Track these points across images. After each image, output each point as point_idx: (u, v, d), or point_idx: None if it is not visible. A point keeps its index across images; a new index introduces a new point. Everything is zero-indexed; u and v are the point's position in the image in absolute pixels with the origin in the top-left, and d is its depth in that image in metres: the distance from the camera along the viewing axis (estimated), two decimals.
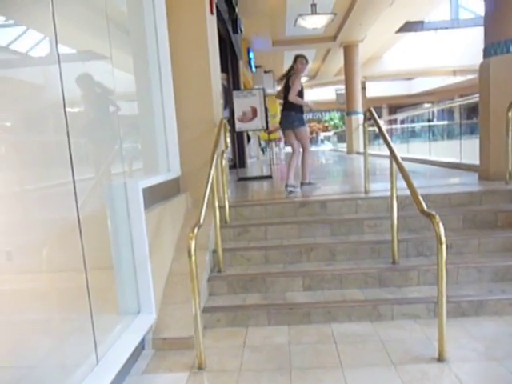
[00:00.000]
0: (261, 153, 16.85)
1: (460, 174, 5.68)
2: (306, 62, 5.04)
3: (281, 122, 5.16)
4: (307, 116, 34.16)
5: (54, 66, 2.14)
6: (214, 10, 4.45)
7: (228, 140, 4.27)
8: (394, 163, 3.32)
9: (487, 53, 4.71)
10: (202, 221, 2.70)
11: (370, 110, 4.20)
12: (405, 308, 3.01)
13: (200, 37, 4.02)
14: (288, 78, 5.01)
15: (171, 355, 2.72)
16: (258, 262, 3.61)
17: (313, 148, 27.25)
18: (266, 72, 16.74)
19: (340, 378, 2.33)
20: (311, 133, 36.38)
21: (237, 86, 9.81)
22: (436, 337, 2.50)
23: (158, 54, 3.64)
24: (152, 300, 2.85)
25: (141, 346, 2.75)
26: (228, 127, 4.33)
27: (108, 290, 2.74)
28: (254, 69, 13.99)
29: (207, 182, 3.11)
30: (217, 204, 3.42)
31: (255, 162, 13.16)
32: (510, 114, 4.31)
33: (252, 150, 15.24)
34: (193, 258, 2.47)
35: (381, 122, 3.89)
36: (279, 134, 10.86)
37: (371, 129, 12.04)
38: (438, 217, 2.43)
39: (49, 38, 2.16)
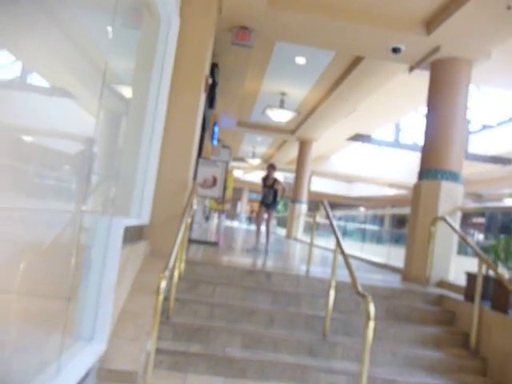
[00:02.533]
0: (203, 220, 17.25)
1: (386, 273, 6.42)
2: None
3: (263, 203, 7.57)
4: (250, 195, 35.50)
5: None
6: (207, 89, 5.11)
7: (195, 201, 4.70)
8: (338, 251, 3.90)
9: (421, 176, 5.69)
10: (171, 264, 3.04)
11: (323, 203, 4.86)
12: (329, 377, 3.41)
13: (192, 110, 4.62)
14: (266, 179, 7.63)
15: None
16: (203, 316, 3.89)
17: (251, 226, 28.03)
18: (224, 147, 17.73)
19: None
20: (251, 212, 37.41)
21: (200, 154, 10.42)
22: None
23: (155, 117, 4.15)
24: (107, 330, 3.04)
25: (86, 374, 2.89)
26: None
27: (63, 316, 2.92)
28: (215, 142, 14.84)
29: (177, 235, 3.47)
30: (183, 257, 3.76)
31: (198, 228, 13.48)
32: (432, 228, 5.17)
33: (197, 216, 15.63)
34: (160, 296, 2.77)
35: (331, 216, 4.52)
36: (227, 206, 11.46)
37: (309, 219, 12.94)
38: (369, 297, 2.96)
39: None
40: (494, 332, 3.86)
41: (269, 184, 7.62)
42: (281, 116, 11.01)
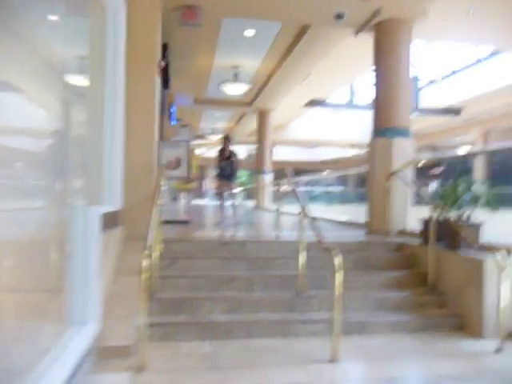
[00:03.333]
0: (171, 201, 17.31)
1: (352, 230, 6.83)
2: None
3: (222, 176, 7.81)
4: (215, 172, 35.57)
5: None
6: (160, 72, 5.19)
7: (162, 183, 4.85)
8: (303, 215, 4.21)
9: (374, 134, 6.03)
10: (150, 243, 3.24)
11: (284, 171, 5.12)
12: (308, 327, 3.76)
13: (149, 95, 4.72)
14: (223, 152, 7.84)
15: (113, 361, 3.09)
16: (186, 289, 4.13)
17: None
18: (183, 126, 17.64)
19: (259, 374, 2.95)
20: (218, 188, 37.49)
21: (161, 137, 10.43)
22: (331, 347, 3.26)
23: (114, 104, 4.22)
24: (98, 313, 3.24)
25: (85, 353, 3.09)
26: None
27: (56, 304, 3.09)
28: (174, 122, 14.76)
29: (152, 217, 3.66)
30: (159, 237, 3.95)
31: (167, 209, 13.57)
32: (387, 183, 5.56)
33: (164, 197, 15.68)
34: (144, 274, 2.98)
35: (293, 183, 4.81)
36: (194, 185, 11.58)
37: (275, 188, 13.26)
38: (335, 250, 3.28)
39: None
40: (448, 268, 4.31)
41: (226, 157, 7.83)
42: (236, 89, 11.13)
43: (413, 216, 5.87)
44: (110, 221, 4.36)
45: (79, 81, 4.19)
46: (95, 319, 3.23)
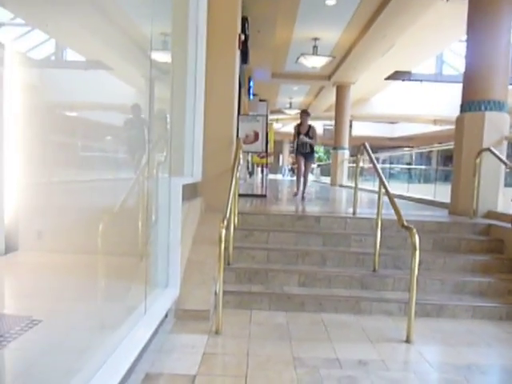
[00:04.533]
0: (247, 176, 17.64)
1: (433, 209, 6.50)
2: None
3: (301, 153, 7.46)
4: (291, 148, 35.45)
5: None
6: (240, 46, 5.23)
7: (241, 157, 4.96)
8: (382, 189, 4.07)
9: (463, 108, 5.61)
10: (228, 215, 3.35)
11: (364, 146, 4.96)
12: (381, 305, 3.70)
13: (229, 69, 4.80)
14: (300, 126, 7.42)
15: (191, 323, 3.31)
16: (260, 260, 4.25)
17: (295, 177, 28.24)
18: (261, 100, 17.71)
19: (330, 348, 2.98)
20: (293, 164, 37.42)
21: (238, 111, 10.59)
22: (405, 327, 3.18)
23: (196, 79, 4.36)
24: (178, 277, 3.46)
25: (166, 314, 3.33)
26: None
27: (142, 267, 3.34)
28: (251, 96, 14.87)
29: (230, 189, 3.77)
30: (236, 210, 4.07)
31: (243, 184, 13.88)
32: (477, 160, 5.17)
33: (241, 172, 16.03)
34: (222, 243, 3.10)
35: (374, 159, 4.64)
36: (270, 159, 11.67)
37: (353, 165, 12.94)
38: (414, 229, 3.15)
39: None
40: None
41: (303, 132, 7.32)
42: (315, 62, 10.88)
43: (505, 198, 5.44)
44: (191, 192, 4.57)
45: (163, 57, 4.36)
46: (176, 283, 3.46)
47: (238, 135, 7.50)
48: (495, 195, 5.47)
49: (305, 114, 7.47)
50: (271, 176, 26.60)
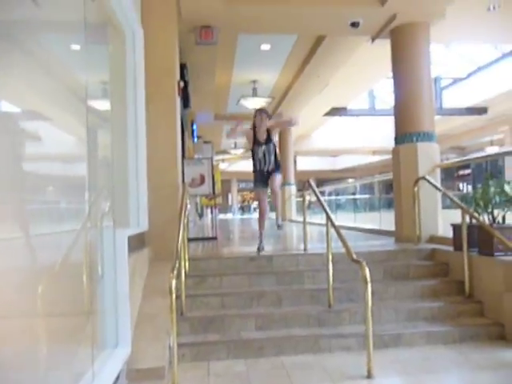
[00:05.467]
0: (197, 218, 17.45)
1: (380, 238, 6.70)
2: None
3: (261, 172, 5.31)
4: (239, 185, 35.69)
5: None
6: (180, 93, 5.27)
7: (188, 201, 4.89)
8: (329, 226, 4.15)
9: (397, 141, 5.94)
10: (177, 263, 3.25)
11: (308, 182, 5.07)
12: (340, 341, 3.67)
13: (171, 114, 4.80)
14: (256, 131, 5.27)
15: (146, 383, 3.10)
16: (215, 307, 4.12)
17: (245, 216, 28.33)
18: (205, 142, 17.86)
19: None
20: (243, 201, 37.70)
21: (183, 155, 10.58)
22: (365, 362, 3.17)
23: (137, 127, 4.31)
24: (129, 334, 3.25)
25: (118, 376, 3.10)
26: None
27: (88, 327, 3.13)
28: (196, 139, 14.95)
29: (178, 237, 3.68)
30: (186, 256, 3.96)
31: (193, 227, 13.69)
32: (415, 189, 5.43)
33: (190, 214, 15.84)
34: (173, 295, 2.98)
35: (318, 193, 4.75)
36: (219, 200, 11.66)
37: (300, 199, 13.20)
38: (364, 262, 3.21)
39: None
40: (485, 275, 4.15)
41: (262, 140, 5.17)
42: (255, 104, 11.17)
43: (444, 220, 5.71)
44: (138, 242, 4.41)
45: (103, 105, 4.30)
46: (127, 341, 3.25)
47: (183, 180, 7.45)
48: (435, 220, 5.74)
49: (262, 113, 5.27)
50: (222, 216, 26.53)
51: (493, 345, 3.66)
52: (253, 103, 11.19)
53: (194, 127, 14.01)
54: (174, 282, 3.00)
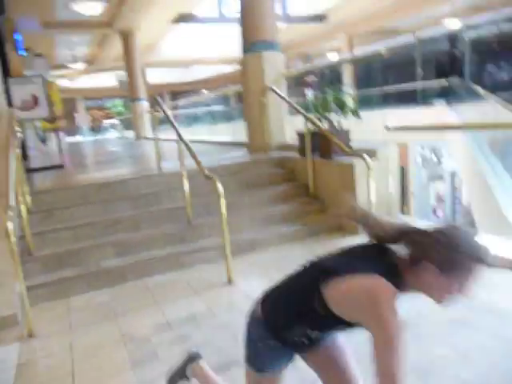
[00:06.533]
0: (40, 144, 15.65)
1: (235, 150, 6.87)
2: None
3: None
4: (86, 104, 32.45)
5: None
6: None
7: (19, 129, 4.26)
8: (181, 144, 4.06)
9: (244, 50, 5.88)
10: (13, 203, 2.88)
11: (155, 98, 4.81)
12: (201, 255, 3.83)
13: None
14: None
15: (1, 332, 2.85)
16: (68, 241, 3.86)
17: (98, 137, 26.38)
18: (37, 55, 15.44)
19: (158, 312, 2.96)
20: (93, 121, 34.68)
21: (7, 72, 9.01)
22: (226, 270, 3.37)
23: None
24: None
25: None
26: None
27: None
28: (22, 52, 12.80)
29: (8, 172, 3.22)
30: (24, 191, 3.53)
31: (38, 155, 12.27)
32: (262, 99, 5.57)
33: (30, 141, 14.03)
34: (11, 237, 2.67)
35: (166, 109, 4.56)
36: (62, 123, 10.48)
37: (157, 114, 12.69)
38: (215, 177, 3.27)
39: None
40: (325, 176, 4.61)
41: None
42: (90, 8, 9.86)
43: (291, 127, 6.02)
44: None
45: None
46: None
47: (11, 103, 6.43)
48: (282, 128, 6.03)
49: None
50: (71, 139, 24.20)
51: (332, 236, 4.19)
52: (87, 8, 9.83)
53: (18, 37, 11.92)
54: (10, 224, 2.67)
